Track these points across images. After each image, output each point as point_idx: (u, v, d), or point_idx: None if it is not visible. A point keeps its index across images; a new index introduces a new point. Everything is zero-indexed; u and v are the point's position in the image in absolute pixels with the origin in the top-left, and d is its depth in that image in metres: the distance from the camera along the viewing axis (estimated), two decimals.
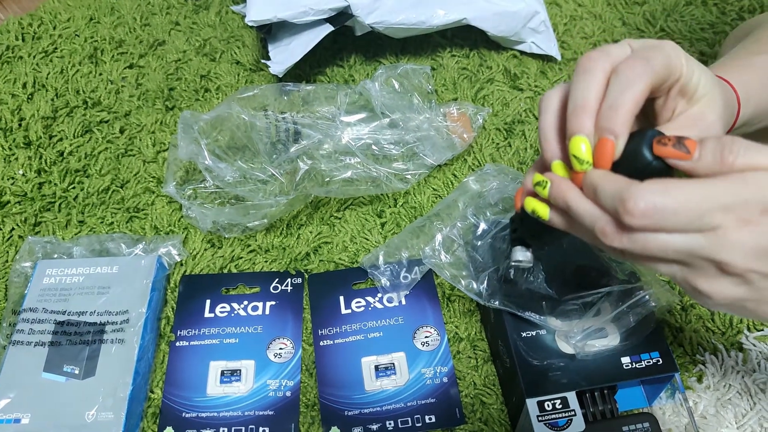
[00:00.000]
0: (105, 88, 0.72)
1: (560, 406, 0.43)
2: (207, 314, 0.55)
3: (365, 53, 0.76)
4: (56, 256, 0.57)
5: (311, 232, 0.60)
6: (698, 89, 0.35)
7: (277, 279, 0.57)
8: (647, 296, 0.46)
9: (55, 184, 0.63)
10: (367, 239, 0.60)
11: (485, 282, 0.49)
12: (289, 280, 0.57)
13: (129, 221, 0.61)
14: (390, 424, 0.49)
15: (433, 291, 0.56)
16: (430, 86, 0.66)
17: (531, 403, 0.44)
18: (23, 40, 0.76)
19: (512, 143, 0.67)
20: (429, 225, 0.57)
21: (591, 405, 0.45)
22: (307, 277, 0.58)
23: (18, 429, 0.47)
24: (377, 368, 0.52)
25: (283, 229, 0.61)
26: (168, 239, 0.58)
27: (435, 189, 0.63)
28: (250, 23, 0.65)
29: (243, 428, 0.49)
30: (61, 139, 0.67)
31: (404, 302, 0.55)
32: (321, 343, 0.53)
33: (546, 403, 0.44)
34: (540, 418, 0.43)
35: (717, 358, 0.52)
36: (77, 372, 0.49)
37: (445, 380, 0.51)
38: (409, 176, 0.61)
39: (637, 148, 0.31)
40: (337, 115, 0.61)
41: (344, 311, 0.55)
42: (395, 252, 0.57)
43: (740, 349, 0.52)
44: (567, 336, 0.46)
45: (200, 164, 0.56)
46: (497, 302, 0.48)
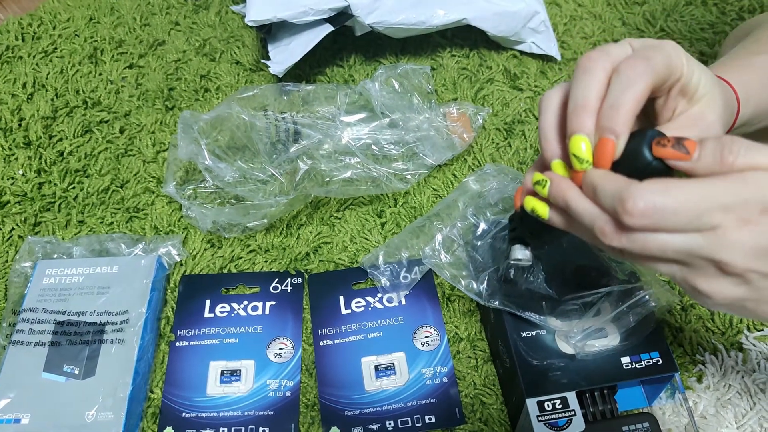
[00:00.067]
0: (105, 88, 0.72)
1: (560, 406, 0.43)
2: (207, 314, 0.55)
3: (365, 53, 0.76)
4: (56, 256, 0.57)
5: (311, 232, 0.60)
6: (698, 89, 0.35)
7: (277, 279, 0.57)
8: (647, 296, 0.46)
9: (55, 184, 0.63)
10: (367, 239, 0.60)
11: (485, 282, 0.49)
12: (289, 280, 0.57)
13: (129, 221, 0.61)
14: (390, 424, 0.49)
15: (433, 291, 0.56)
16: (430, 86, 0.66)
17: (531, 403, 0.44)
18: (23, 40, 0.76)
19: (512, 143, 0.67)
20: (429, 225, 0.57)
21: (591, 405, 0.45)
22: (307, 277, 0.58)
23: (18, 429, 0.47)
24: (377, 368, 0.52)
25: (283, 229, 0.61)
26: (168, 239, 0.58)
27: (435, 189, 0.63)
28: (250, 23, 0.65)
29: (243, 428, 0.49)
30: (61, 139, 0.67)
31: (404, 302, 0.55)
32: (321, 343, 0.53)
33: (546, 403, 0.44)
34: (540, 418, 0.43)
35: (717, 358, 0.52)
36: (77, 372, 0.49)
37: (445, 380, 0.51)
38: (409, 176, 0.61)
39: (638, 148, 0.31)
40: (337, 115, 0.61)
41: (344, 311, 0.55)
42: (395, 252, 0.57)
43: (740, 349, 0.52)
44: (567, 336, 0.46)
45: (200, 164, 0.56)
46: (497, 302, 0.48)
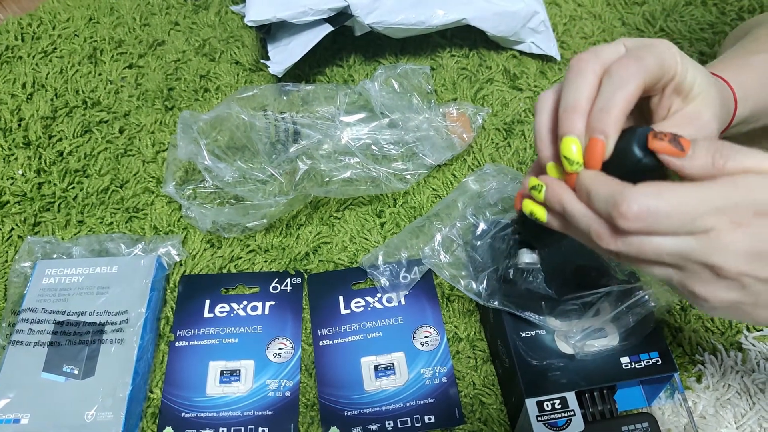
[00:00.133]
0: (104, 88, 0.72)
1: (559, 406, 0.43)
2: (206, 314, 0.55)
3: (365, 53, 0.76)
4: (55, 256, 0.57)
5: (311, 232, 0.60)
6: (693, 88, 0.35)
7: (277, 279, 0.57)
8: (646, 296, 0.46)
9: (55, 184, 0.63)
10: (367, 239, 0.60)
11: (484, 282, 0.49)
12: (289, 280, 0.57)
13: (128, 221, 0.61)
14: (389, 424, 0.49)
15: (433, 291, 0.56)
16: (430, 86, 0.66)
17: (530, 403, 0.44)
18: (23, 40, 0.76)
19: (512, 143, 0.67)
20: (428, 225, 0.57)
21: (590, 405, 0.45)
22: (307, 277, 0.58)
23: (17, 429, 0.47)
24: (376, 368, 0.52)
25: (283, 229, 0.61)
26: (167, 239, 0.58)
27: (434, 189, 0.63)
28: (250, 23, 0.65)
29: (242, 428, 0.49)
30: (61, 139, 0.67)
31: (403, 302, 0.55)
32: (320, 343, 0.53)
33: (545, 403, 0.44)
34: (539, 418, 0.43)
35: (716, 358, 0.52)
36: (76, 372, 0.49)
37: (445, 380, 0.51)
38: (409, 176, 0.61)
39: (628, 147, 0.31)
40: (337, 115, 0.61)
41: (344, 311, 0.55)
42: (395, 252, 0.57)
43: (739, 349, 0.52)
44: (566, 336, 0.46)
45: (199, 164, 0.56)
46: (496, 302, 0.48)
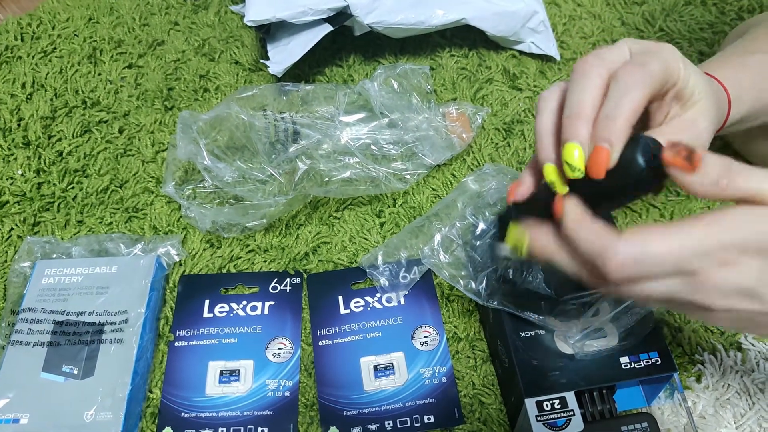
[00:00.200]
0: (104, 88, 0.72)
1: (559, 406, 0.43)
2: (206, 314, 0.55)
3: (364, 53, 0.76)
4: (55, 256, 0.57)
5: (310, 232, 0.60)
6: (693, 95, 0.35)
7: (276, 279, 0.57)
8: None
9: (54, 184, 0.63)
10: (366, 239, 0.60)
11: (484, 282, 0.49)
12: (288, 280, 0.57)
13: (128, 221, 0.61)
14: (389, 424, 0.49)
15: (432, 291, 0.56)
16: (429, 86, 0.66)
17: (530, 403, 0.44)
18: (22, 40, 0.76)
19: (511, 143, 0.67)
20: (428, 225, 0.57)
21: (590, 405, 0.45)
22: (306, 277, 0.58)
23: (17, 429, 0.47)
24: (376, 368, 0.52)
25: (282, 229, 0.61)
26: (167, 239, 0.58)
27: (434, 189, 0.63)
28: (249, 23, 0.65)
29: (242, 428, 0.49)
30: (60, 139, 0.67)
31: (403, 302, 0.55)
32: (320, 343, 0.53)
33: (545, 403, 0.44)
34: (539, 418, 0.43)
35: (716, 358, 0.52)
36: (76, 372, 0.49)
37: (444, 380, 0.51)
38: (408, 176, 0.61)
39: (632, 157, 0.31)
40: (336, 115, 0.61)
41: (343, 311, 0.55)
42: (394, 252, 0.57)
43: (739, 349, 0.52)
44: (566, 336, 0.46)
45: (199, 164, 0.56)
46: (496, 302, 0.48)
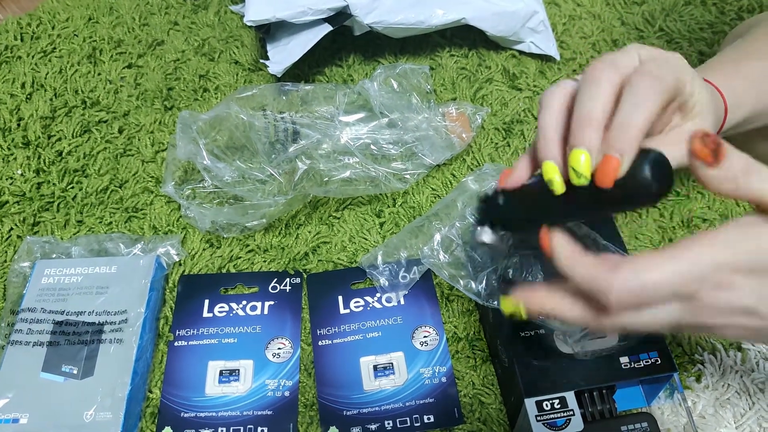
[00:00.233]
0: (104, 88, 0.72)
1: (559, 406, 0.43)
2: (205, 314, 0.55)
3: (364, 53, 0.76)
4: (55, 256, 0.57)
5: (310, 232, 0.60)
6: (695, 107, 0.35)
7: (276, 279, 0.57)
8: None
9: (54, 184, 0.63)
10: (366, 239, 0.60)
11: (484, 282, 0.49)
12: (288, 280, 0.57)
13: (127, 221, 0.61)
14: (389, 424, 0.49)
15: (432, 291, 0.56)
16: (429, 86, 0.66)
17: (529, 403, 0.44)
18: (22, 40, 0.76)
19: (511, 143, 0.67)
20: (428, 225, 0.57)
21: (590, 405, 0.45)
22: (306, 277, 0.58)
23: (16, 429, 0.47)
24: (376, 368, 0.52)
25: (282, 229, 0.60)
26: (166, 239, 0.58)
27: (434, 189, 0.63)
28: (249, 23, 0.65)
29: (241, 428, 0.49)
30: (60, 139, 0.67)
31: (403, 302, 0.55)
32: (319, 343, 0.53)
33: (544, 403, 0.44)
34: (538, 418, 0.43)
35: (716, 358, 0.52)
36: (75, 372, 0.49)
37: (444, 380, 0.51)
38: (408, 176, 0.61)
39: (640, 168, 0.30)
40: (336, 115, 0.61)
41: (343, 311, 0.55)
42: (394, 252, 0.57)
43: (739, 349, 0.52)
44: (566, 336, 0.46)
45: (199, 164, 0.56)
46: (496, 302, 0.48)
